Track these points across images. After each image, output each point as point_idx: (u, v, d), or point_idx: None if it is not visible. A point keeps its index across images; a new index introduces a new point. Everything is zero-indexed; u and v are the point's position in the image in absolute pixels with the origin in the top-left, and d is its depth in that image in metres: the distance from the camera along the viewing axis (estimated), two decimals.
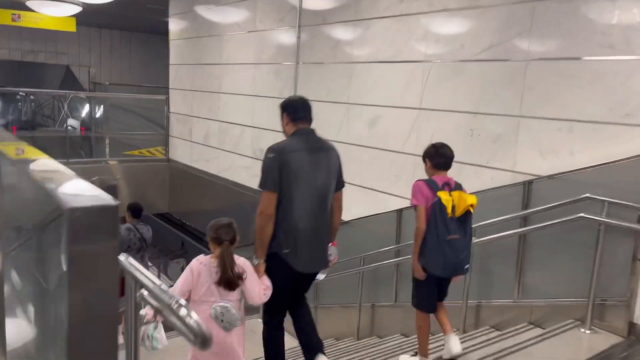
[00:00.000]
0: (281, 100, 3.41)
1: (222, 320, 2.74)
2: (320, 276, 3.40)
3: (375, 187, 5.78)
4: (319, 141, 3.18)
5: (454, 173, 3.42)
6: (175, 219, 10.19)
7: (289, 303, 3.26)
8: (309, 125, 3.19)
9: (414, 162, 5.41)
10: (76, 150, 11.09)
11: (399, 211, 5.45)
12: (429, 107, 5.26)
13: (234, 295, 2.85)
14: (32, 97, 13.20)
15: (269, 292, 2.99)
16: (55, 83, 15.93)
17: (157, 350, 2.67)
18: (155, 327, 2.64)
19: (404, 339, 5.04)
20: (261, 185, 2.98)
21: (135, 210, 6.15)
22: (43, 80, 15.44)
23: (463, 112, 4.93)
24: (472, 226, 3.34)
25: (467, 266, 3.22)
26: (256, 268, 3.00)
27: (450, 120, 5.07)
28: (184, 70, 9.67)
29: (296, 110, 3.17)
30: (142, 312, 2.34)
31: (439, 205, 3.08)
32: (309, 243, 3.07)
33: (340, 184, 3.23)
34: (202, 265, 2.84)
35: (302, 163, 2.99)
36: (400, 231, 5.43)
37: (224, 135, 8.38)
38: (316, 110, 6.85)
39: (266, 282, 2.99)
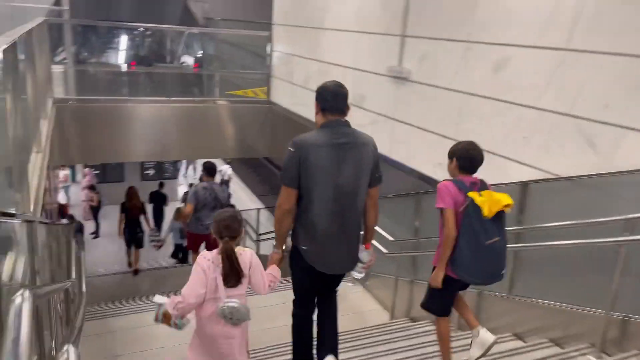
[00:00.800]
0: (387, 37, 2.71)
1: (230, 319, 2.71)
2: (357, 275, 3.22)
3: (496, 150, 4.55)
4: (350, 135, 2.88)
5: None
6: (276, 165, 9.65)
7: (312, 298, 3.18)
8: (341, 116, 2.92)
9: (551, 123, 4.08)
10: (189, 87, 10.93)
11: (524, 184, 4.23)
12: (581, 47, 3.83)
13: (240, 289, 2.80)
14: (149, 32, 13.22)
15: (275, 284, 2.95)
16: (173, 18, 15.95)
17: (182, 329, 2.83)
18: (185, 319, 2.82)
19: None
20: (280, 179, 2.88)
21: (210, 170, 6.42)
22: (161, 16, 15.51)
23: (634, 56, 3.47)
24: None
25: (504, 271, 2.97)
26: (272, 255, 3.03)
27: (611, 68, 3.63)
28: (288, 3, 8.76)
29: (326, 99, 2.91)
30: (157, 299, 2.79)
31: (472, 207, 2.81)
32: (330, 243, 2.93)
33: (375, 180, 2.99)
34: (209, 261, 2.77)
35: (324, 160, 2.80)
36: (524, 209, 4.23)
37: (324, 77, 7.37)
38: (427, 49, 5.49)
39: (274, 272, 2.96)
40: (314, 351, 3.22)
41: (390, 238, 5.43)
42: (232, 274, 2.73)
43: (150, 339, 4.98)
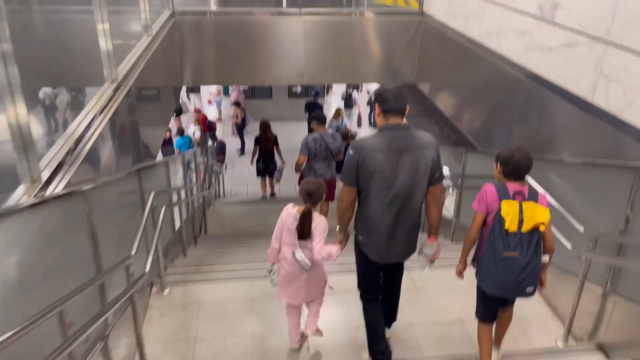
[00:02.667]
0: None
1: (300, 262, 3.16)
2: (422, 270, 3.23)
3: None
4: (409, 139, 2.90)
5: None
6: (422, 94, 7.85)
7: (374, 283, 3.34)
8: (401, 118, 2.91)
9: None
10: None
11: None
12: None
13: (310, 243, 3.14)
14: None
15: (329, 257, 3.11)
16: None
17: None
18: (274, 273, 3.38)
19: None
20: (341, 178, 3.05)
21: (320, 119, 6.21)
22: None
23: None
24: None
25: (529, 289, 2.80)
26: (338, 236, 3.24)
27: None
28: None
29: (387, 101, 2.90)
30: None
31: (498, 216, 2.74)
32: (384, 236, 3.05)
33: (435, 179, 3.00)
34: (289, 215, 3.18)
35: (380, 164, 2.89)
36: None
37: None
38: None
39: (332, 248, 3.13)
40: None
41: (580, 228, 3.55)
42: (304, 229, 3.10)
43: (238, 321, 4.03)
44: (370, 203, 2.98)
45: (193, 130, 12.58)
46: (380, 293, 3.39)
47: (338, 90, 17.36)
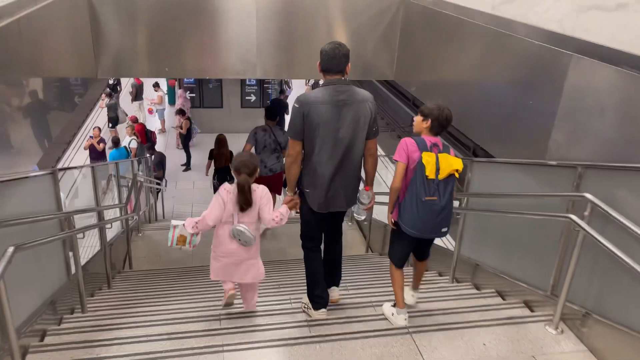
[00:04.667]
0: None
1: (239, 240, 3.21)
2: (359, 217, 3.56)
3: None
4: (349, 93, 3.06)
5: None
6: (402, 90, 6.44)
7: (316, 233, 3.50)
8: (341, 75, 3.09)
9: None
10: None
11: None
12: None
13: (249, 217, 3.23)
14: None
15: (281, 220, 3.24)
16: None
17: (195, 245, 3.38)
18: (197, 234, 3.36)
19: None
20: (287, 132, 3.29)
21: (270, 112, 6.21)
22: None
23: None
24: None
25: (444, 229, 3.10)
26: (286, 198, 3.38)
27: None
28: None
29: (324, 60, 3.08)
30: (175, 222, 3.38)
31: (419, 165, 2.98)
32: (328, 186, 3.20)
33: (372, 133, 3.20)
34: (227, 192, 3.20)
35: (323, 116, 3.04)
36: None
37: None
38: None
39: (282, 210, 3.26)
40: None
41: None
42: (244, 202, 3.15)
43: None
44: (315, 154, 3.13)
45: (129, 141, 10.70)
46: (320, 242, 3.56)
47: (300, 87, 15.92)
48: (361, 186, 3.39)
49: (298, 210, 3.41)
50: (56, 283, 3.77)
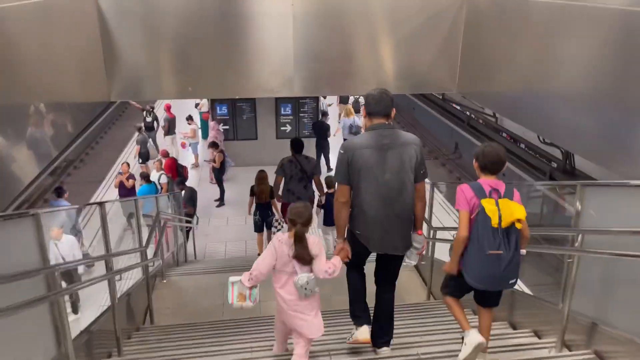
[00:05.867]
0: None
1: (305, 288, 3.05)
2: (411, 262, 3.42)
3: None
4: (393, 137, 3.13)
5: None
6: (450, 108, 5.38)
7: (361, 262, 3.43)
8: (385, 120, 3.15)
9: None
10: None
11: None
12: None
13: (307, 268, 3.10)
14: None
15: (334, 271, 3.12)
16: None
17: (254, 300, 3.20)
18: (256, 287, 3.19)
19: None
20: (334, 177, 3.28)
21: (296, 145, 6.46)
22: None
23: None
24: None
25: (512, 281, 2.92)
26: (336, 246, 3.34)
27: None
28: None
29: (369, 104, 3.15)
30: (232, 279, 3.19)
31: (482, 215, 2.81)
32: (379, 228, 3.18)
33: (419, 176, 3.19)
34: (282, 243, 3.11)
35: (368, 160, 3.08)
36: None
37: None
38: None
39: (335, 261, 3.16)
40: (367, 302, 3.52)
41: None
42: (304, 254, 3.06)
43: None
44: (363, 198, 3.15)
45: (158, 176, 9.97)
46: (363, 265, 3.48)
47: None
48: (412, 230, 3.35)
49: (349, 258, 3.30)
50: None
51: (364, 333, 3.37)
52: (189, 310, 5.54)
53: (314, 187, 6.82)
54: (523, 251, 2.93)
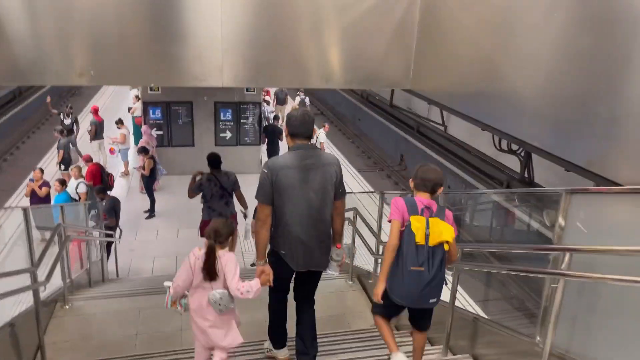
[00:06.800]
0: None
1: (219, 304, 3.02)
2: (333, 273, 3.51)
3: None
4: (315, 157, 3.18)
5: None
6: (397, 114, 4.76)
7: (284, 285, 3.41)
8: (307, 140, 3.21)
9: None
10: None
11: None
12: None
13: (219, 284, 3.06)
14: None
15: (249, 292, 3.03)
16: None
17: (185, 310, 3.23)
18: (186, 297, 3.22)
19: None
20: (256, 196, 3.17)
21: (213, 162, 6.44)
22: None
23: None
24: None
25: (432, 300, 2.89)
26: (257, 269, 3.21)
27: None
28: None
29: (292, 126, 3.18)
30: (166, 284, 3.20)
31: (408, 230, 2.82)
32: (304, 246, 3.20)
33: (339, 194, 3.26)
34: (196, 258, 3.08)
35: (292, 180, 3.09)
36: None
37: None
38: None
39: (252, 283, 3.06)
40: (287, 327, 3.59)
41: None
42: (210, 269, 3.02)
43: None
44: (287, 217, 3.13)
45: (76, 185, 8.79)
46: (287, 292, 3.49)
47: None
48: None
49: (271, 284, 3.18)
50: None
51: (284, 354, 3.57)
52: (94, 344, 4.54)
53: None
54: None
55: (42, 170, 9.04)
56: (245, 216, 6.84)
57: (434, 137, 10.73)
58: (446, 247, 2.80)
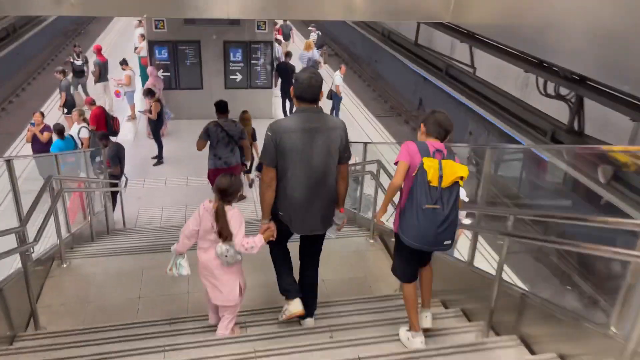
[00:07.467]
0: None
1: (226, 256, 3.15)
2: (332, 236, 3.51)
3: None
4: (320, 120, 3.11)
5: None
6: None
7: (284, 241, 3.46)
8: (314, 104, 3.13)
9: None
10: None
11: None
12: None
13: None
14: None
15: (253, 247, 3.13)
16: None
17: (181, 276, 3.33)
18: (183, 257, 3.32)
19: None
20: (260, 159, 3.19)
21: (219, 107, 6.46)
22: None
23: None
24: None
25: (447, 242, 2.86)
26: (262, 226, 3.26)
27: None
28: None
29: (299, 89, 3.09)
30: (172, 247, 3.29)
31: (420, 170, 2.78)
32: (302, 210, 3.18)
33: (343, 158, 3.23)
34: (205, 210, 3.16)
35: (296, 143, 3.04)
36: None
37: None
38: None
39: (256, 239, 3.15)
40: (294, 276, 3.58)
41: None
42: (224, 230, 3.12)
43: None
44: (288, 180, 3.10)
45: (78, 129, 8.27)
46: (287, 240, 3.47)
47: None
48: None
49: (274, 239, 3.25)
50: None
51: (296, 306, 3.45)
52: (91, 308, 4.15)
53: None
54: (462, 214, 2.86)
55: (42, 114, 8.50)
56: (245, 167, 6.86)
57: (464, 79, 9.76)
58: (461, 182, 2.80)
